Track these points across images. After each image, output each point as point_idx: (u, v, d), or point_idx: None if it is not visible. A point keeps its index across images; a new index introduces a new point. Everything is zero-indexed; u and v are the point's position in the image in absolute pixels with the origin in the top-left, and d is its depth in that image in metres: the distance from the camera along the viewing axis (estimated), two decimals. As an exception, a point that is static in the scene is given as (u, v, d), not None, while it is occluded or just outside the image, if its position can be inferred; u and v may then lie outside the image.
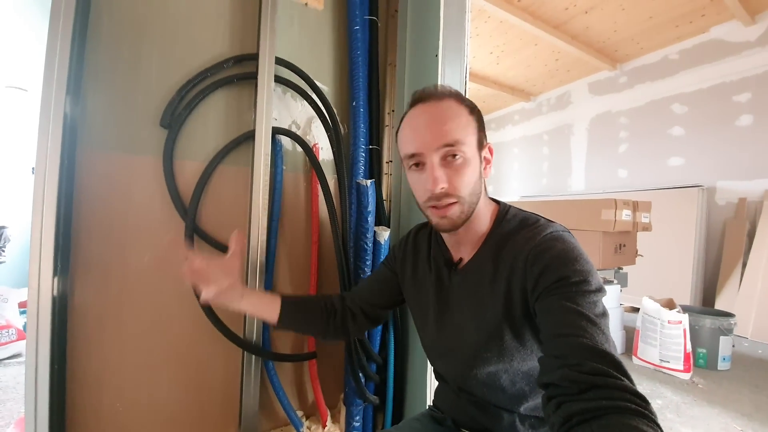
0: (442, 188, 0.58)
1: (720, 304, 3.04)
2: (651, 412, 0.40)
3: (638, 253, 2.68)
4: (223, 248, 1.00)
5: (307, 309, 0.81)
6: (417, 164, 0.61)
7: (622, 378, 0.43)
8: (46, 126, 0.77)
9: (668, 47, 3.69)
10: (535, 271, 0.54)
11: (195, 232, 0.96)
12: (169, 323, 0.96)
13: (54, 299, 0.78)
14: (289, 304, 0.79)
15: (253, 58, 1.02)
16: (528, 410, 0.64)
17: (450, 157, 0.58)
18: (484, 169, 0.64)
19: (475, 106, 0.64)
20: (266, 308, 0.78)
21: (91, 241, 0.88)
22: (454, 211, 0.59)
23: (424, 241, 0.77)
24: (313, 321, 0.81)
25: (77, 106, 0.84)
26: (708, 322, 2.22)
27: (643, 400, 0.41)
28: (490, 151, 0.66)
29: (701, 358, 2.25)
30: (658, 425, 0.39)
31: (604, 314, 0.50)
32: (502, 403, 0.64)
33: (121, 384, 0.91)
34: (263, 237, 1.00)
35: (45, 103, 0.77)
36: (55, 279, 0.78)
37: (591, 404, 0.41)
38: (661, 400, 1.84)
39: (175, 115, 0.95)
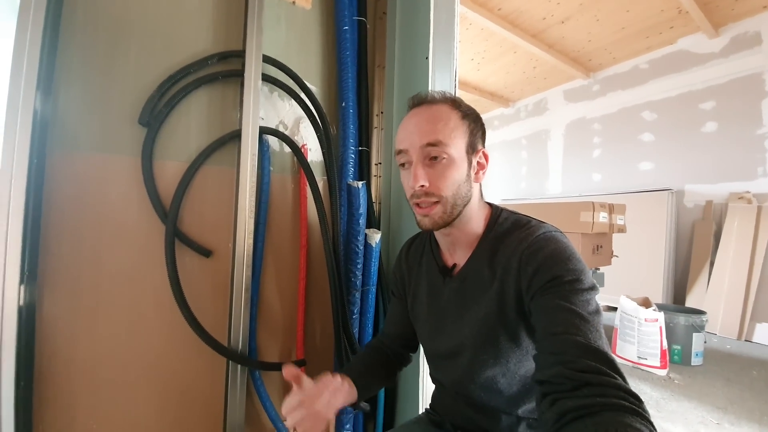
0: (421, 186, 0.59)
1: (690, 302, 3.18)
2: (644, 410, 0.40)
3: (614, 253, 2.77)
4: (205, 253, 0.96)
5: (374, 374, 0.77)
6: (404, 163, 0.64)
7: (616, 376, 0.43)
8: (13, 123, 0.72)
9: (638, 57, 3.86)
10: (529, 271, 0.55)
11: (176, 236, 0.91)
12: (148, 334, 0.90)
13: (20, 310, 0.72)
14: (362, 383, 0.71)
15: (239, 55, 0.99)
16: (526, 412, 0.64)
17: (433, 158, 0.60)
18: (476, 173, 0.64)
19: (471, 112, 0.64)
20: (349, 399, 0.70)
21: (62, 247, 0.81)
22: (436, 211, 0.61)
23: (418, 252, 0.78)
24: (382, 379, 0.80)
25: (48, 102, 0.78)
26: (682, 319, 2.32)
27: (636, 399, 0.41)
28: (485, 157, 0.66)
29: (676, 354, 2.33)
30: (651, 423, 0.39)
31: (597, 312, 0.51)
32: (501, 405, 0.64)
33: (96, 401, 0.84)
34: (250, 241, 0.96)
35: (12, 99, 0.72)
36: (22, 287, 0.72)
37: (585, 401, 0.41)
38: (642, 397, 1.90)
39: (155, 113, 0.90)
